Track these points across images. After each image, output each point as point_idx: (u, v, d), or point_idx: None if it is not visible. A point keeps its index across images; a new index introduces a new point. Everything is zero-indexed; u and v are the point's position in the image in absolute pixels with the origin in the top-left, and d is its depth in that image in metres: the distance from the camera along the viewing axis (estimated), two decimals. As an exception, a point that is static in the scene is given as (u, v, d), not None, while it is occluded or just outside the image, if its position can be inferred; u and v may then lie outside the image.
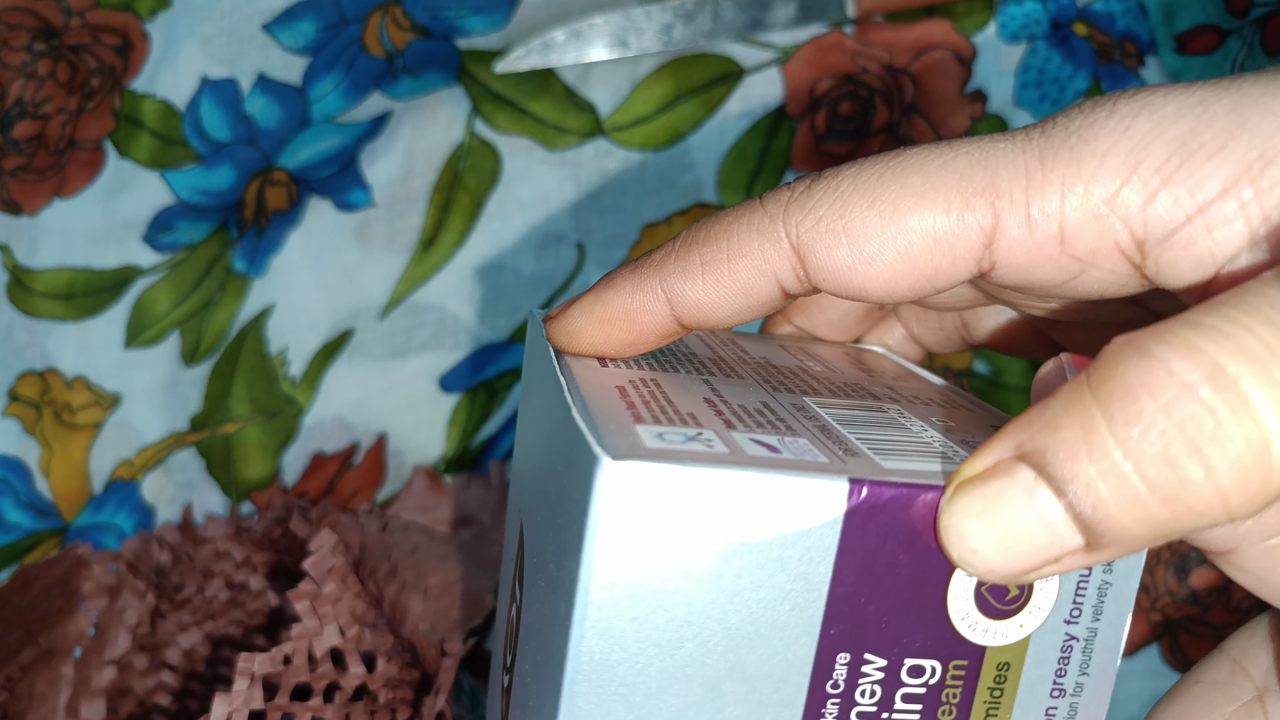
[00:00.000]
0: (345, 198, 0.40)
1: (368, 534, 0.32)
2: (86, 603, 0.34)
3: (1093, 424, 0.13)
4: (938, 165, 0.17)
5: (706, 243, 0.18)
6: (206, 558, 0.37)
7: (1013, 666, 0.16)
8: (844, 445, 0.16)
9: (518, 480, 0.22)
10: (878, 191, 0.17)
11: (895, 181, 0.17)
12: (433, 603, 0.30)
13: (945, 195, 0.17)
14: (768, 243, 0.18)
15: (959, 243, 0.17)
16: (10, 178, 0.42)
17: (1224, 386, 0.12)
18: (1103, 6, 0.39)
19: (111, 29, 0.42)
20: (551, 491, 0.17)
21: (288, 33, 0.41)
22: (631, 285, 0.19)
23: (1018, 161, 0.17)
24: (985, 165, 0.17)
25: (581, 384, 0.17)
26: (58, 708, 0.33)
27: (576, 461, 0.15)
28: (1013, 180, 0.17)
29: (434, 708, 0.28)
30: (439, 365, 0.39)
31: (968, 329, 0.24)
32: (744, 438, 0.15)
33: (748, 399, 0.18)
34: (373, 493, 0.39)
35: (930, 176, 0.17)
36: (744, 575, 0.14)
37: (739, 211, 0.18)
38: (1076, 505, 0.13)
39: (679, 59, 0.40)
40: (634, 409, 0.16)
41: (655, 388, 0.18)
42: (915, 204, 0.17)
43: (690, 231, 0.19)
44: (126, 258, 0.41)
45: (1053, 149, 0.17)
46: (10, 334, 0.41)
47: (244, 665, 0.26)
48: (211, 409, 0.40)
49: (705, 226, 0.19)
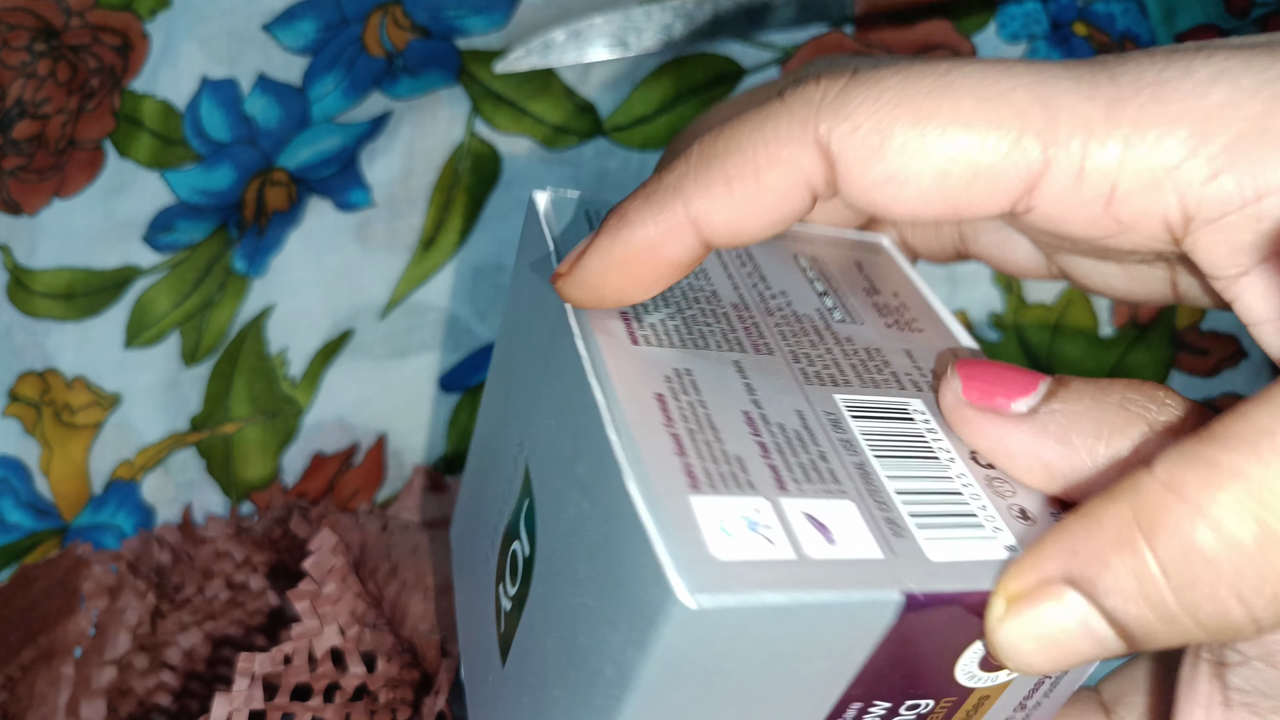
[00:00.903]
0: (345, 198, 0.40)
1: (368, 534, 0.32)
2: (86, 603, 0.34)
3: (1147, 572, 0.13)
4: (994, 93, 0.16)
5: (730, 155, 0.16)
6: (207, 558, 0.37)
7: (990, 699, 0.17)
8: (887, 512, 0.16)
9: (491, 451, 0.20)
10: (926, 110, 0.16)
11: (946, 102, 0.16)
12: (433, 603, 0.30)
13: (998, 128, 0.15)
14: (800, 150, 0.16)
15: (1002, 181, 0.16)
16: (10, 178, 0.42)
17: (1267, 540, 0.13)
18: (1103, 6, 0.39)
19: (111, 29, 0.42)
20: (588, 513, 0.16)
21: (288, 33, 0.41)
22: (650, 215, 0.17)
23: (1081, 109, 0.15)
24: (1045, 104, 0.16)
25: (618, 389, 0.16)
26: (58, 708, 0.33)
27: (631, 548, 0.14)
28: (1072, 128, 0.15)
29: (434, 708, 0.28)
30: (439, 365, 0.39)
31: (965, 241, 0.23)
32: (796, 509, 0.15)
33: (785, 413, 0.17)
34: (373, 493, 0.39)
35: (985, 104, 0.16)
36: (787, 659, 0.15)
37: (761, 116, 0.16)
38: (1129, 632, 0.14)
39: (679, 59, 0.40)
40: (683, 453, 0.15)
41: (694, 394, 0.17)
42: (964, 132, 0.15)
43: (706, 144, 0.17)
44: (126, 258, 0.41)
45: (1121, 101, 0.15)
46: (10, 334, 0.41)
47: (244, 665, 0.26)
48: (211, 409, 0.40)
49: (723, 136, 0.16)
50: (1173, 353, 0.36)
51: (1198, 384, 0.36)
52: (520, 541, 0.18)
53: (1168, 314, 0.36)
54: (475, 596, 0.21)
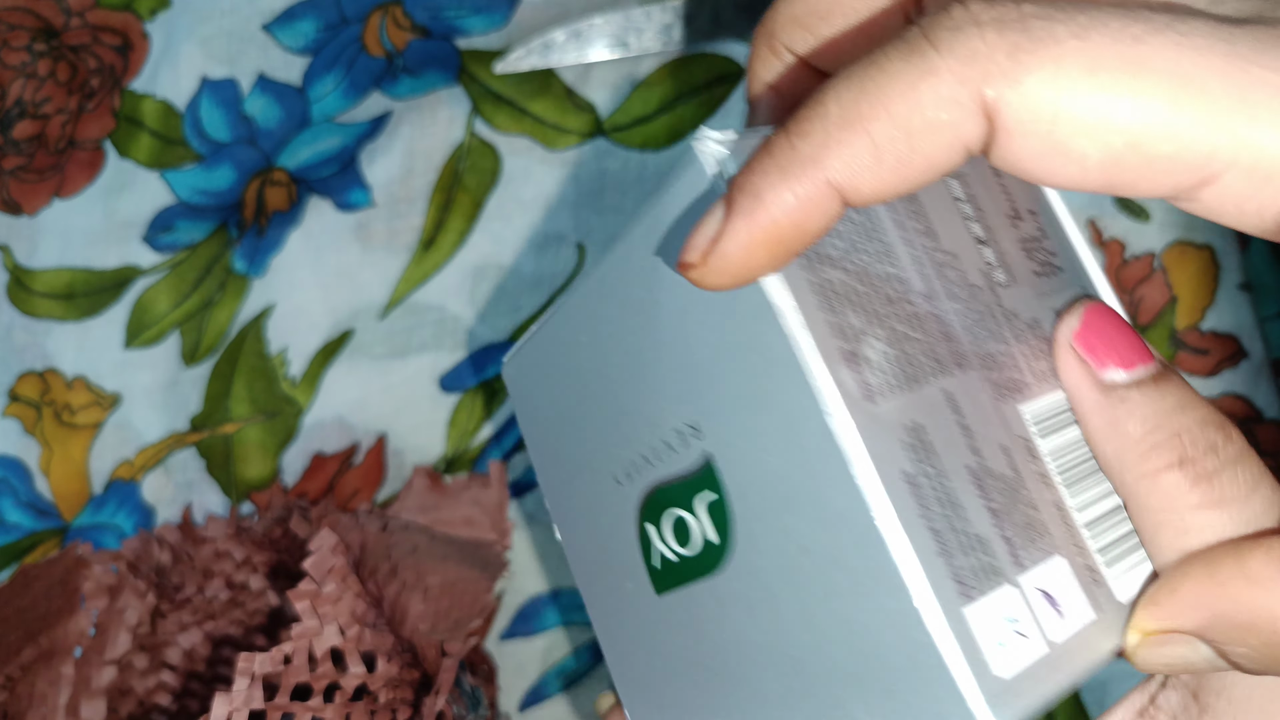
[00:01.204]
0: (345, 198, 0.40)
1: (368, 534, 0.32)
2: (87, 602, 0.34)
3: (1276, 641, 0.15)
4: (1186, 73, 0.14)
5: (877, 118, 0.14)
6: (207, 558, 0.37)
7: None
8: (1085, 557, 0.17)
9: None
10: (1110, 84, 0.14)
11: (1133, 77, 0.14)
12: (433, 603, 0.30)
13: (1186, 116, 0.14)
14: (963, 116, 0.14)
15: (1176, 172, 0.14)
16: (10, 178, 0.42)
17: None
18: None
19: (111, 29, 0.42)
20: (841, 585, 0.17)
21: (288, 33, 0.41)
22: (788, 190, 0.15)
23: (1276, 103, 0.14)
24: (1240, 95, 0.14)
25: (877, 473, 0.16)
26: (58, 707, 0.33)
27: (915, 656, 0.16)
28: (1266, 126, 0.14)
29: (434, 708, 0.28)
30: (439, 365, 0.39)
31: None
32: (1032, 587, 0.17)
33: (997, 457, 0.17)
34: (373, 493, 0.39)
35: (1176, 85, 0.14)
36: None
37: (914, 71, 0.14)
38: (1245, 669, 0.16)
39: (679, 59, 0.40)
40: (945, 551, 0.16)
41: (931, 464, 0.17)
42: (1148, 115, 0.14)
43: (847, 101, 0.14)
44: (126, 258, 0.41)
45: None
46: (10, 334, 0.41)
47: (244, 665, 0.26)
48: (211, 409, 0.40)
49: (867, 94, 0.14)
50: (1173, 352, 0.36)
51: (1198, 384, 0.36)
52: (699, 522, 0.19)
53: (1167, 314, 0.36)
54: (582, 484, 0.21)
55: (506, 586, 0.38)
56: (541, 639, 0.38)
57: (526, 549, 0.38)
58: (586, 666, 0.38)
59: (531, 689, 0.38)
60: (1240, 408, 0.36)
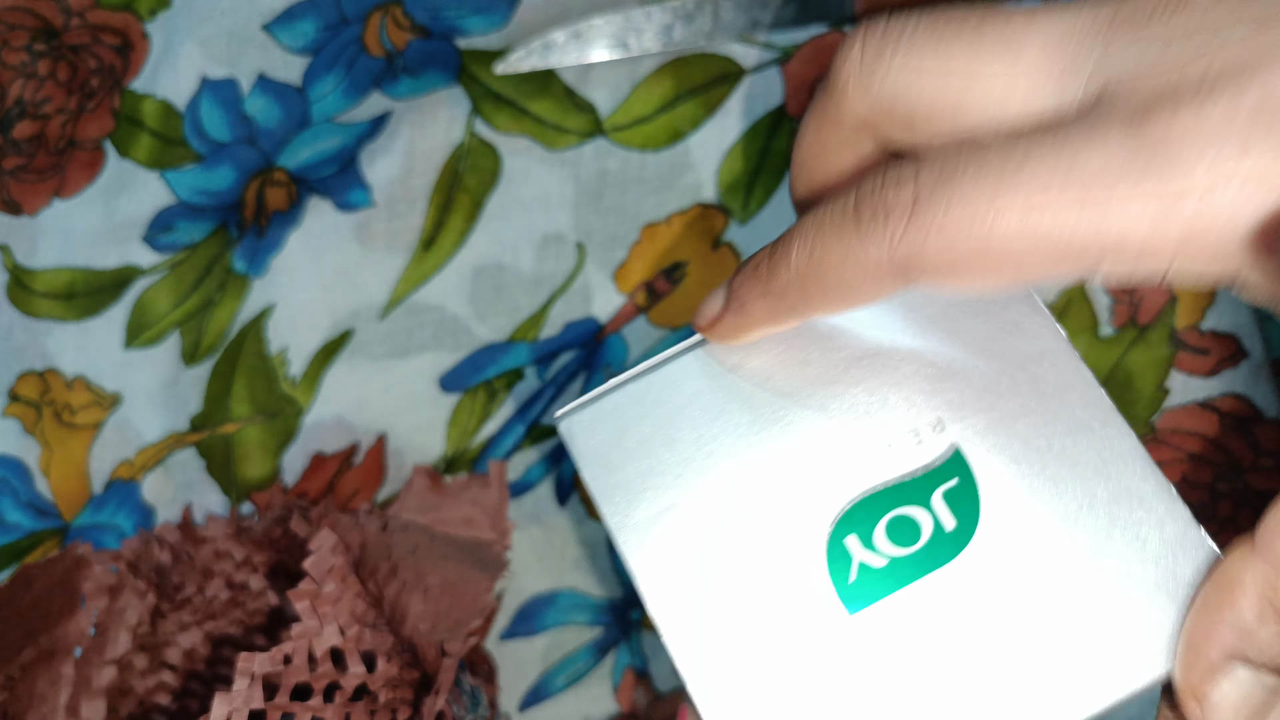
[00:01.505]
0: (345, 198, 0.40)
1: (368, 534, 0.32)
2: (87, 602, 0.34)
3: None
4: (1052, 201, 0.17)
5: (823, 278, 0.19)
6: (207, 557, 0.37)
7: None
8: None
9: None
10: (997, 234, 0.17)
11: (1014, 214, 0.17)
12: (433, 602, 0.30)
13: (1067, 247, 0.17)
14: (883, 278, 0.19)
15: (1073, 264, 0.18)
16: (10, 178, 0.42)
17: None
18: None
19: (111, 29, 0.42)
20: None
21: (288, 33, 0.41)
22: (765, 307, 0.21)
23: (1139, 206, 0.17)
24: (1106, 194, 0.17)
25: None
26: (58, 707, 0.33)
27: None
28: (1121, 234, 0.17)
29: (434, 707, 0.28)
30: (439, 365, 0.39)
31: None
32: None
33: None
34: (373, 493, 0.39)
35: (1044, 215, 0.17)
36: None
37: (844, 248, 0.19)
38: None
39: (679, 59, 0.40)
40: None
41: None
42: (1034, 255, 0.17)
43: (801, 264, 0.20)
44: (126, 258, 0.41)
45: (1179, 197, 0.17)
46: (10, 334, 0.41)
47: (244, 665, 0.26)
48: (211, 409, 0.40)
49: (813, 260, 0.19)
50: (1173, 352, 0.36)
51: (1198, 384, 0.36)
52: (931, 513, 0.21)
53: (1167, 314, 0.36)
54: (708, 525, 0.21)
55: (506, 586, 0.38)
56: (541, 639, 0.38)
57: (526, 549, 0.38)
58: (587, 666, 0.38)
59: (531, 689, 0.38)
60: (1240, 407, 0.36)
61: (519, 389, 0.39)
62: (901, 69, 0.19)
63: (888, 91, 0.19)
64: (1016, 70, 0.18)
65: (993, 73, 0.18)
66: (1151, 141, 0.16)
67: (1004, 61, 0.18)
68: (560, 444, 0.39)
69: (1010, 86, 0.18)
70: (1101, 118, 0.17)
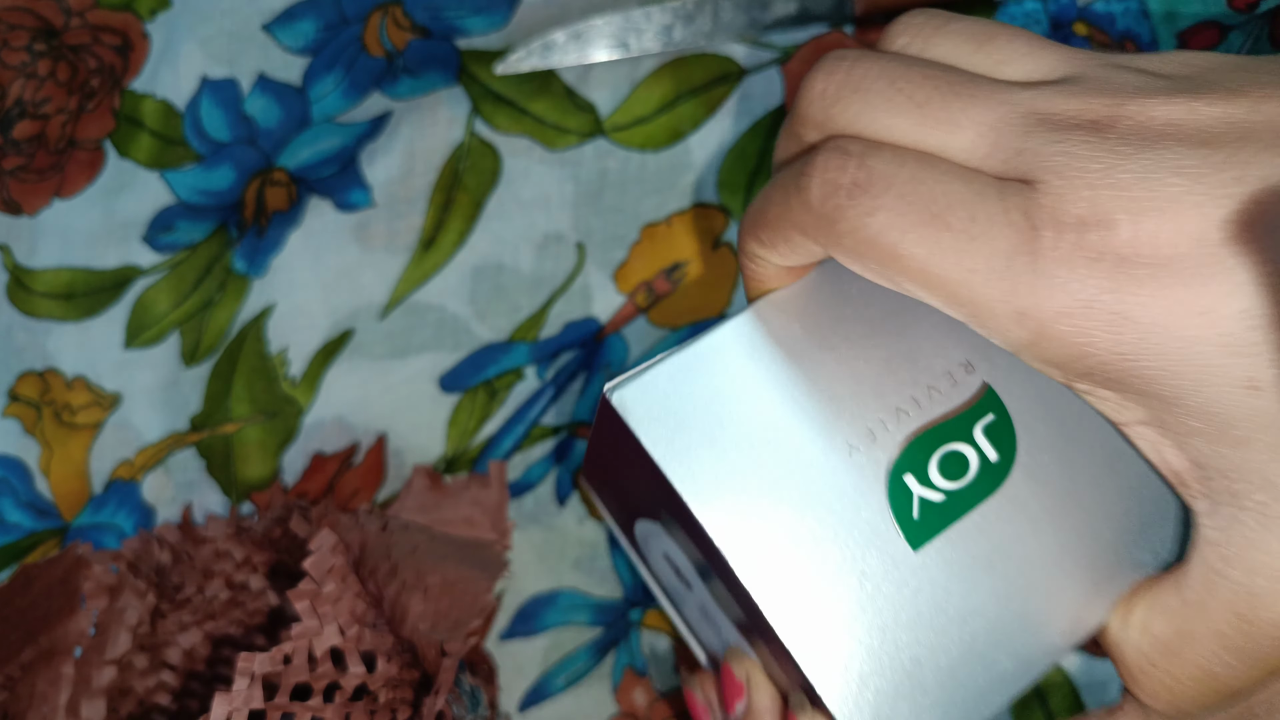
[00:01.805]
0: (345, 198, 0.40)
1: (368, 534, 0.32)
2: (87, 602, 0.34)
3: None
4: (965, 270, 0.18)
5: (775, 244, 0.21)
6: (207, 557, 0.37)
7: None
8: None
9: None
10: (875, 249, 0.19)
11: (923, 248, 0.19)
12: (433, 602, 0.30)
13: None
14: (815, 255, 0.21)
15: (938, 302, 0.20)
16: (10, 178, 0.42)
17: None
18: (1103, 6, 0.39)
19: (111, 29, 0.42)
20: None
21: (288, 33, 0.41)
22: (743, 251, 0.23)
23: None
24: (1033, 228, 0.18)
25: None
26: (58, 707, 0.33)
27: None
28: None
29: (434, 707, 0.28)
30: (439, 365, 0.39)
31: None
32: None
33: None
34: (373, 493, 0.39)
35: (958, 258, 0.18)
36: None
37: (785, 207, 0.20)
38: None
39: (679, 59, 0.40)
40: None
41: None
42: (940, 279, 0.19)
43: (752, 214, 0.22)
44: (126, 258, 0.41)
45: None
46: (10, 334, 0.41)
47: (244, 665, 0.26)
48: (211, 409, 0.40)
49: (765, 209, 0.21)
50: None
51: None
52: (975, 448, 0.22)
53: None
54: (776, 477, 0.22)
55: (506, 586, 0.38)
56: (541, 639, 0.38)
57: (526, 549, 0.38)
58: (587, 666, 0.38)
59: (531, 689, 0.38)
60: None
61: (519, 389, 0.39)
62: (856, 117, 0.20)
63: (846, 121, 0.20)
64: (950, 146, 0.19)
65: (928, 145, 0.19)
66: (1028, 255, 0.18)
67: (939, 137, 0.19)
68: (561, 443, 0.39)
69: (945, 152, 0.19)
70: (1004, 201, 0.18)
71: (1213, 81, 0.18)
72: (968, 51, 0.20)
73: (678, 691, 0.38)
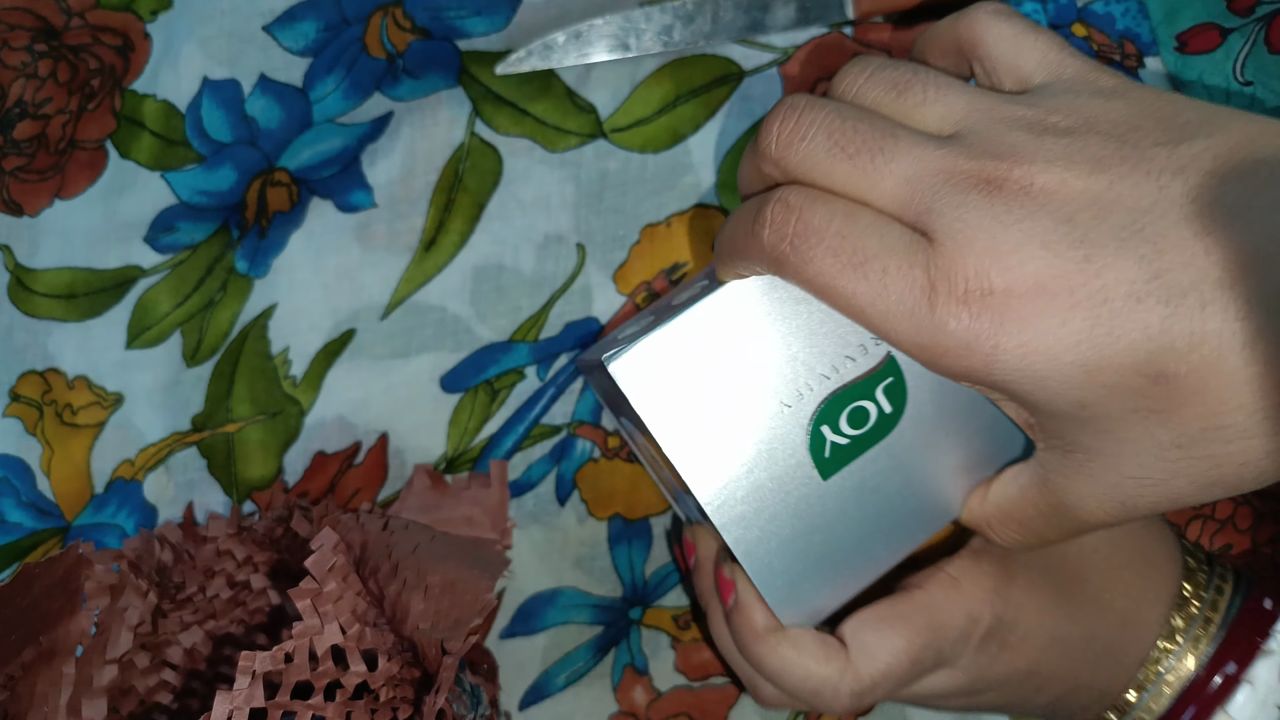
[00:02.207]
0: (347, 198, 0.40)
1: (369, 533, 0.32)
2: (88, 602, 0.34)
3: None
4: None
5: (737, 268, 0.28)
6: (208, 557, 0.37)
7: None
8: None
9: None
10: (801, 273, 0.26)
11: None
12: (433, 602, 0.30)
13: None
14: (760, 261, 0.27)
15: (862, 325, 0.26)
16: (11, 178, 0.42)
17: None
18: (1102, 7, 0.39)
19: (112, 29, 0.42)
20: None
21: (289, 34, 0.42)
22: (735, 267, 0.28)
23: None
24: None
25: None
26: (59, 707, 0.33)
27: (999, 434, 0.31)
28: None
29: (435, 706, 0.28)
30: (440, 365, 0.39)
31: None
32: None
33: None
34: (374, 492, 0.39)
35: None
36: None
37: (745, 240, 0.26)
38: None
39: (679, 60, 0.40)
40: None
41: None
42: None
43: (723, 239, 0.28)
44: (128, 258, 0.41)
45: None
46: (11, 334, 0.41)
47: (245, 663, 0.26)
48: (213, 409, 0.40)
49: (735, 249, 0.27)
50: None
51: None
52: (875, 404, 0.29)
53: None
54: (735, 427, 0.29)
55: (507, 585, 0.38)
56: (542, 637, 0.38)
57: (527, 548, 0.39)
58: (587, 665, 0.38)
59: (532, 687, 0.38)
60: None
61: (520, 389, 0.39)
62: (800, 163, 0.25)
63: (794, 165, 0.25)
64: (873, 194, 0.24)
65: (858, 191, 0.25)
66: (926, 305, 0.23)
67: (866, 185, 0.24)
68: (561, 443, 0.39)
69: (870, 198, 0.25)
70: (910, 257, 0.24)
71: (1085, 146, 0.23)
72: (890, 99, 0.25)
73: (677, 690, 0.38)
